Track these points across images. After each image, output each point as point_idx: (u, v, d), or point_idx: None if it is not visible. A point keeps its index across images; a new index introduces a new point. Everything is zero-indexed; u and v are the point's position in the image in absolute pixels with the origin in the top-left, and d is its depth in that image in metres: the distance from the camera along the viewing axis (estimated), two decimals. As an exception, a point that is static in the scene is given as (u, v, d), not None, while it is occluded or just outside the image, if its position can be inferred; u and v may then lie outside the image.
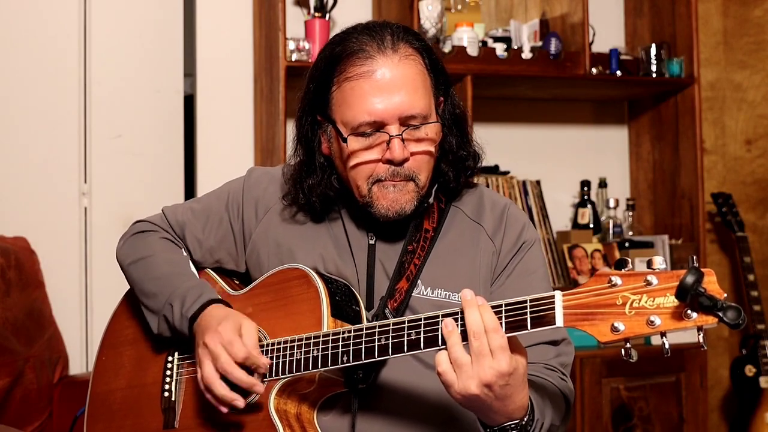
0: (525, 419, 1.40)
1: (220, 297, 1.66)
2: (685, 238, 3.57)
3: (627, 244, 3.53)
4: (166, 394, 1.71)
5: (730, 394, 3.91)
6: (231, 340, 1.52)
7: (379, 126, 1.55)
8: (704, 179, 3.57)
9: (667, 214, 3.69)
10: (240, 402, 1.52)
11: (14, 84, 3.12)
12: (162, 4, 3.31)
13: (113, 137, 3.23)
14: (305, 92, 1.66)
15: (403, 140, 1.55)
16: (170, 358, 1.74)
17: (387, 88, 1.54)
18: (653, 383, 3.30)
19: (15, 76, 3.12)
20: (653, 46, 3.57)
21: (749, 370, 3.66)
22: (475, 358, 1.32)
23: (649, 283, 1.24)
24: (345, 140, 1.57)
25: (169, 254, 1.76)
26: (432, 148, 1.60)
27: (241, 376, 1.51)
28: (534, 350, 1.59)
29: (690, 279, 1.16)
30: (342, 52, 1.58)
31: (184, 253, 1.79)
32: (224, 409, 1.54)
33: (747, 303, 3.68)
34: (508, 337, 1.33)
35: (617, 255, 3.50)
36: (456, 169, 1.67)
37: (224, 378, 1.53)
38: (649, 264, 1.25)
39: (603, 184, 3.71)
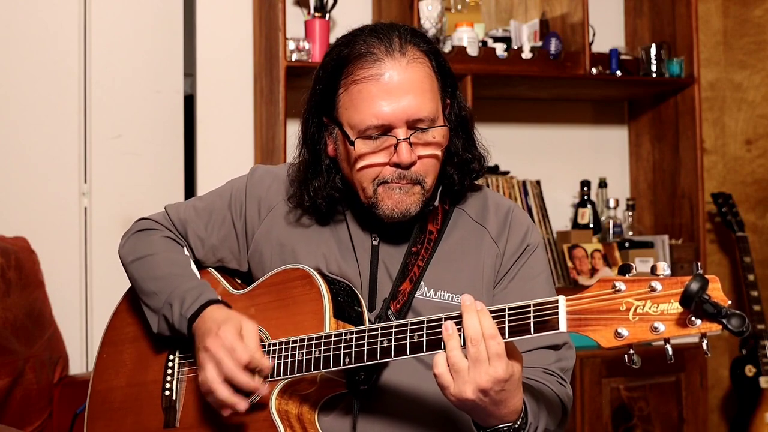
0: (518, 422, 1.40)
1: (219, 297, 1.66)
2: (685, 238, 3.57)
3: (627, 244, 3.53)
4: (167, 393, 1.71)
5: (730, 394, 3.92)
6: (233, 344, 1.51)
7: (386, 129, 1.54)
8: (704, 179, 3.57)
9: (667, 214, 3.69)
10: (242, 405, 1.52)
11: (14, 84, 3.12)
12: (162, 4, 3.31)
13: (113, 137, 3.23)
14: (311, 94, 1.65)
15: (410, 144, 1.54)
16: (171, 357, 1.74)
17: (395, 91, 1.53)
18: (653, 383, 3.30)
19: (15, 77, 3.12)
20: (653, 46, 3.57)
21: (749, 370, 3.66)
22: (472, 363, 1.33)
23: (653, 289, 1.24)
24: (352, 143, 1.56)
25: (170, 253, 1.76)
26: (439, 152, 1.59)
27: (245, 380, 1.51)
28: (534, 354, 1.59)
29: (695, 286, 1.17)
30: (349, 54, 1.57)
31: (186, 252, 1.78)
32: (227, 413, 1.54)
33: (747, 303, 3.68)
34: (505, 343, 1.34)
35: (617, 255, 3.50)
36: (461, 171, 1.66)
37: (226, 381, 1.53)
38: (653, 270, 1.25)
39: (603, 184, 3.71)
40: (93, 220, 3.18)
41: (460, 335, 1.35)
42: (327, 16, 3.23)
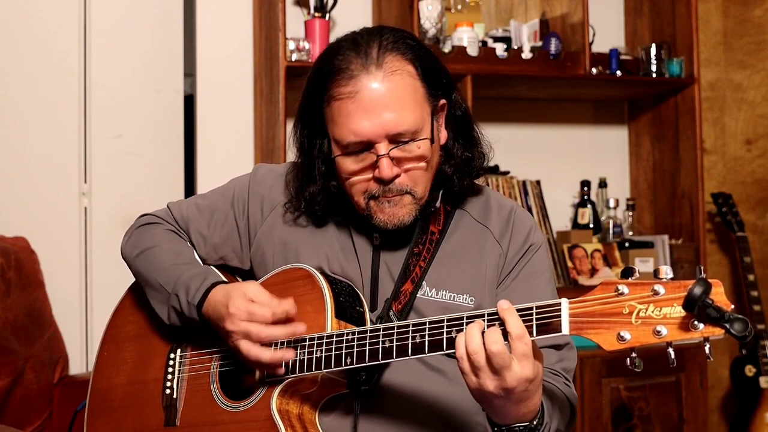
0: (534, 422, 1.39)
1: (223, 279, 1.65)
2: (685, 238, 3.57)
3: (627, 244, 3.53)
4: (168, 391, 1.71)
5: (730, 394, 3.92)
6: (249, 310, 1.51)
7: (367, 145, 1.53)
8: (704, 179, 3.57)
9: (667, 214, 3.69)
10: (290, 354, 1.51)
11: (14, 84, 3.12)
12: (162, 4, 3.31)
13: (113, 137, 3.23)
14: (300, 105, 1.65)
15: (392, 158, 1.53)
16: (172, 356, 1.74)
17: (372, 107, 1.51)
18: (653, 383, 3.30)
19: (15, 77, 3.12)
20: (653, 46, 3.57)
21: (749, 370, 3.66)
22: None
23: (656, 293, 1.23)
24: (333, 160, 1.56)
25: (173, 245, 1.76)
26: (424, 163, 1.57)
27: (279, 332, 1.51)
28: None
29: (698, 290, 1.16)
30: (329, 69, 1.55)
31: (189, 244, 1.79)
32: (282, 370, 1.53)
33: (747, 303, 3.68)
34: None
35: (617, 255, 3.50)
36: (460, 172, 1.65)
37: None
38: (656, 273, 1.25)
39: (603, 184, 3.72)
40: (93, 220, 3.18)
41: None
42: (327, 16, 3.22)
